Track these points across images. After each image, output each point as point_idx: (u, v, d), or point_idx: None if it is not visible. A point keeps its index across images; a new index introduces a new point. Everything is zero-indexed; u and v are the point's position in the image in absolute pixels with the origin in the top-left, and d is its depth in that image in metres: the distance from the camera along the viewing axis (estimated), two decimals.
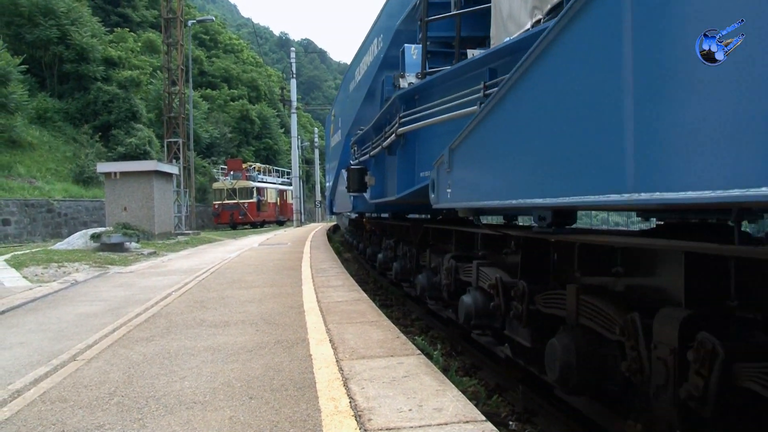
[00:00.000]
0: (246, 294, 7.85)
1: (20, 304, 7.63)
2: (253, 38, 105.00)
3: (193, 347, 4.88)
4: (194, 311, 6.65)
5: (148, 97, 42.77)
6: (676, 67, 2.00)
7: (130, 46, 48.09)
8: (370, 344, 4.68)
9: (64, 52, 36.06)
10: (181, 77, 31.39)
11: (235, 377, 3.93)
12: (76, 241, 17.39)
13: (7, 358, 4.80)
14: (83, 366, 4.39)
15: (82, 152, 33.14)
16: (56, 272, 11.71)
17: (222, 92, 63.71)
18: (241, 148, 59.72)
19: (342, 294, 7.56)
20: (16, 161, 28.53)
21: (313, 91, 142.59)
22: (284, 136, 66.38)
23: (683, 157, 1.98)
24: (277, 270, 10.80)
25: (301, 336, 5.13)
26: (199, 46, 65.88)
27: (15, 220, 23.63)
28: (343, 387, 3.56)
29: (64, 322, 6.31)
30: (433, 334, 8.24)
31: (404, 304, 10.60)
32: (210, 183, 45.69)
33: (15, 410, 3.43)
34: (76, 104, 36.98)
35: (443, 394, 3.36)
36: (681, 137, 1.99)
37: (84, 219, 27.90)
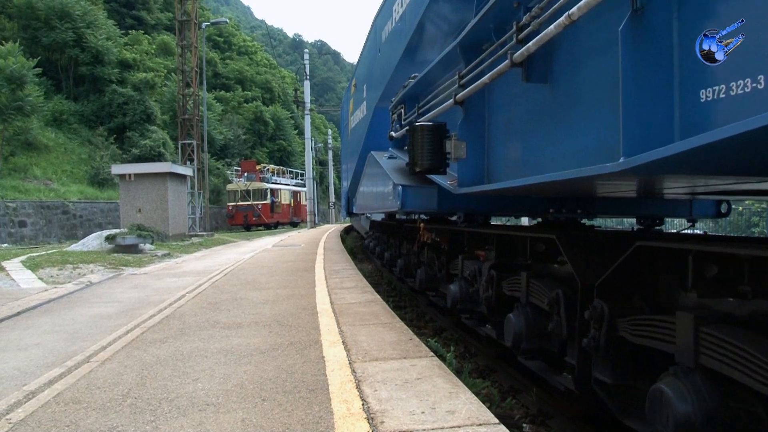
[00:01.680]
0: (259, 295, 7.86)
1: (36, 305, 7.68)
2: (266, 40, 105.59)
3: (206, 349, 4.88)
4: (207, 313, 6.66)
5: (162, 99, 43.09)
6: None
7: (145, 49, 48.42)
8: (383, 346, 4.66)
9: (79, 55, 36.45)
10: (195, 79, 31.55)
11: (247, 379, 3.92)
12: (91, 243, 17.53)
13: (22, 359, 4.83)
14: (97, 367, 4.40)
15: (97, 154, 33.45)
16: (71, 274, 11.79)
17: (236, 94, 64.02)
18: (255, 149, 59.98)
19: (355, 295, 7.55)
20: (32, 163, 28.82)
21: (327, 92, 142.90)
22: (298, 138, 66.62)
23: None
24: (291, 271, 10.80)
25: (314, 338, 5.12)
26: (213, 48, 66.26)
27: (31, 222, 23.84)
28: (355, 389, 3.54)
29: (79, 324, 6.34)
30: (446, 336, 8.20)
31: (417, 305, 10.56)
32: (224, 184, 45.93)
33: (29, 411, 3.45)
34: (91, 106, 37.35)
35: (456, 396, 3.33)
36: None
37: (99, 220, 28.11)
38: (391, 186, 7.26)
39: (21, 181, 26.17)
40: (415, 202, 6.68)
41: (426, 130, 5.27)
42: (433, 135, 5.22)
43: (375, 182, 9.34)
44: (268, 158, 59.93)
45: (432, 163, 5.24)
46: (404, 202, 6.66)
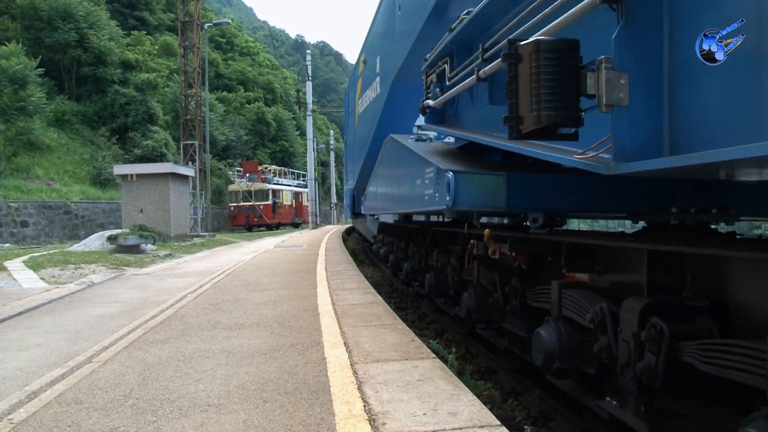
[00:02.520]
0: (261, 296, 7.86)
1: (38, 305, 7.69)
2: (269, 41, 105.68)
3: (208, 350, 4.88)
4: (209, 313, 6.67)
5: (164, 100, 43.12)
6: None
7: (147, 49, 48.45)
8: (385, 347, 4.66)
9: (82, 56, 36.51)
10: (197, 80, 31.56)
11: (249, 380, 3.93)
12: (93, 243, 17.54)
13: (24, 359, 4.83)
14: (99, 368, 4.41)
15: (99, 154, 33.51)
16: (73, 274, 11.80)
17: (238, 95, 64.08)
18: (257, 150, 60.01)
19: (357, 297, 7.55)
20: (35, 163, 28.87)
21: (329, 93, 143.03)
22: (300, 139, 66.68)
23: None
24: (293, 272, 10.81)
25: (316, 339, 5.12)
26: (215, 48, 66.28)
27: (33, 222, 23.87)
28: (357, 390, 3.54)
29: (81, 324, 6.35)
30: (447, 337, 8.20)
31: (419, 306, 10.55)
32: (226, 185, 45.99)
33: (31, 411, 3.45)
34: (93, 107, 37.41)
35: (458, 398, 3.33)
36: None
37: (101, 221, 28.14)
38: (432, 174, 5.00)
39: (23, 181, 26.22)
40: (473, 197, 4.23)
41: (547, 51, 2.63)
42: (560, 60, 2.63)
43: (398, 172, 7.16)
44: (269, 159, 59.96)
45: (560, 113, 2.62)
46: (457, 197, 4.21)
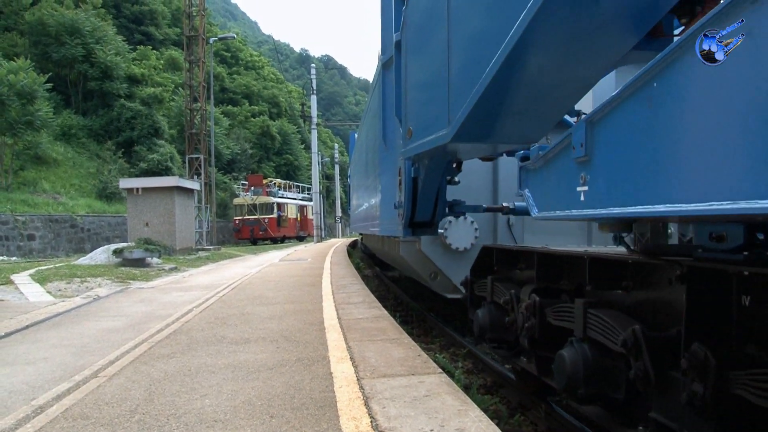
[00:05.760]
0: (266, 310, 7.85)
1: (44, 319, 7.69)
2: (273, 55, 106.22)
3: (214, 364, 4.87)
4: (215, 328, 6.66)
5: (170, 114, 43.40)
6: None
7: (153, 64, 48.87)
8: (391, 362, 4.64)
9: (88, 70, 36.87)
10: (202, 94, 31.73)
11: (255, 395, 3.91)
12: (99, 257, 17.59)
13: (30, 373, 4.83)
14: (105, 383, 4.40)
15: (105, 168, 33.69)
16: (79, 287, 11.82)
17: (243, 108, 64.42)
18: (262, 163, 60.23)
19: (362, 311, 7.53)
20: (41, 177, 29.05)
21: (334, 107, 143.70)
22: (304, 152, 66.88)
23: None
24: (298, 286, 10.80)
25: (322, 353, 5.10)
26: (220, 63, 66.74)
27: (39, 235, 23.97)
28: (364, 406, 3.52)
29: (87, 338, 6.35)
30: (454, 351, 8.17)
31: (425, 320, 10.52)
32: (231, 199, 46.12)
33: (38, 427, 3.44)
34: (99, 121, 37.70)
35: (465, 414, 3.31)
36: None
37: (106, 234, 28.23)
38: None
39: (30, 195, 26.37)
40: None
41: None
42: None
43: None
44: (274, 172, 60.20)
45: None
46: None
